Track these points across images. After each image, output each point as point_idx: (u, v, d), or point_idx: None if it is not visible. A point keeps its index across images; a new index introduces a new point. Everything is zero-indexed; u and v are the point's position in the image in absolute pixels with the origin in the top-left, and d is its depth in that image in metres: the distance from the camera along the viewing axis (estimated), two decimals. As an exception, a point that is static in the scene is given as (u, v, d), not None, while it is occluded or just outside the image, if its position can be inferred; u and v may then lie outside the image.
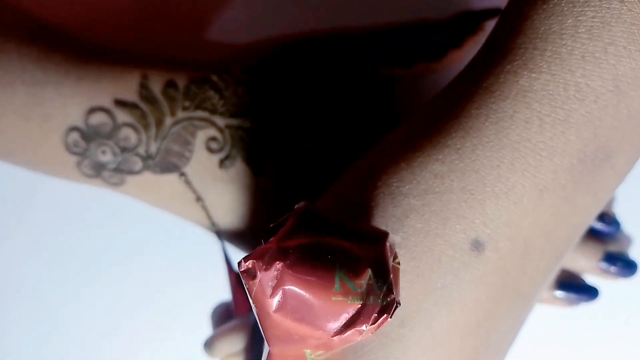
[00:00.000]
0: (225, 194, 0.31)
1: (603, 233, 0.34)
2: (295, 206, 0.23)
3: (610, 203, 0.35)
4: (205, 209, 0.32)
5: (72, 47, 0.31)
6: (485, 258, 0.24)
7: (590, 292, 0.34)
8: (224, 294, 0.37)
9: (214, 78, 0.31)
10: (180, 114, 0.31)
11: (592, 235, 0.34)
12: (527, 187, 0.23)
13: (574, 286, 0.34)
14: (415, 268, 0.24)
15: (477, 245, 0.24)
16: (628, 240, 0.35)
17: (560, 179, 0.23)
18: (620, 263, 0.34)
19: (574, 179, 0.24)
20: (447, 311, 0.24)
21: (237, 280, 0.32)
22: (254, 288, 0.21)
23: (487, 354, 0.26)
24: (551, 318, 0.36)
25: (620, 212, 0.35)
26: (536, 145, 0.23)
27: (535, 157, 0.23)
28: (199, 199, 0.32)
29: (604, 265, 0.34)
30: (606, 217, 0.34)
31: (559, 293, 0.34)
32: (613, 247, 0.34)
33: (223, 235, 0.33)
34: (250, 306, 0.30)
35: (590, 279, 0.35)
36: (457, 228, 0.24)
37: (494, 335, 0.25)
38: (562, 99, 0.23)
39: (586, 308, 0.35)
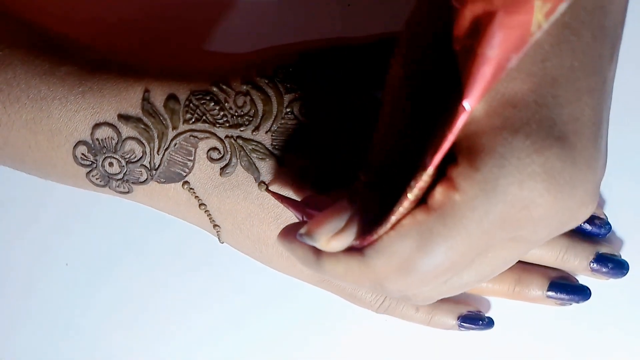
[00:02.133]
0: (227, 200, 0.33)
1: (594, 234, 0.35)
2: None
3: (601, 205, 0.36)
4: (208, 214, 0.33)
5: (76, 60, 0.32)
6: None
7: (581, 293, 0.35)
8: (226, 293, 0.38)
9: (214, 90, 0.32)
10: (182, 127, 0.32)
11: (584, 236, 0.35)
12: None
13: (566, 286, 0.35)
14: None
15: None
16: (619, 242, 0.36)
17: None
18: (612, 264, 0.35)
19: None
20: (577, 47, 0.25)
21: (294, 201, 0.30)
22: None
23: (608, 103, 0.26)
24: (543, 318, 0.37)
25: (611, 214, 0.35)
26: None
27: None
28: (202, 204, 0.33)
29: (595, 266, 0.35)
30: (597, 219, 0.35)
31: (551, 293, 0.35)
32: (604, 249, 0.35)
33: (225, 237, 0.34)
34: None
35: (583, 279, 0.36)
36: None
37: (607, 86, 0.26)
38: None
39: (578, 307, 0.36)
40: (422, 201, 0.25)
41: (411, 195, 0.24)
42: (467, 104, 0.21)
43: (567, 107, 0.24)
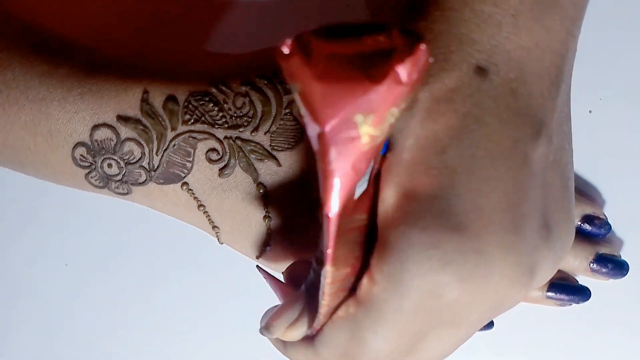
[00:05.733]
0: (226, 201, 0.33)
1: (594, 235, 0.35)
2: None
3: (600, 206, 0.36)
4: (207, 214, 0.33)
5: (75, 61, 0.32)
6: (491, 81, 0.26)
7: (581, 293, 0.35)
8: (225, 293, 0.38)
9: (213, 91, 0.32)
10: (181, 128, 0.32)
11: (584, 237, 0.35)
12: (501, 13, 0.26)
13: (565, 287, 0.35)
14: (435, 103, 0.25)
15: (479, 71, 0.26)
16: (619, 242, 0.36)
17: (525, 4, 0.27)
18: (611, 264, 0.35)
19: (537, 2, 0.27)
20: (480, 134, 0.25)
21: (276, 281, 0.33)
22: (294, 66, 0.21)
23: (534, 183, 0.26)
24: (543, 318, 0.37)
25: (611, 214, 0.35)
26: None
27: None
28: (201, 205, 0.33)
29: (595, 266, 0.34)
30: (597, 219, 0.35)
31: (551, 294, 0.35)
32: (604, 249, 0.35)
33: (224, 238, 0.34)
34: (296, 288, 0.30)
35: (582, 280, 0.36)
36: (457, 59, 0.26)
37: (532, 163, 0.26)
38: None
39: (577, 308, 0.36)
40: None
41: (326, 289, 0.25)
42: (326, 211, 0.22)
43: (468, 196, 0.24)
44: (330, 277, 0.25)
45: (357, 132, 0.21)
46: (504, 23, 0.26)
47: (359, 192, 0.24)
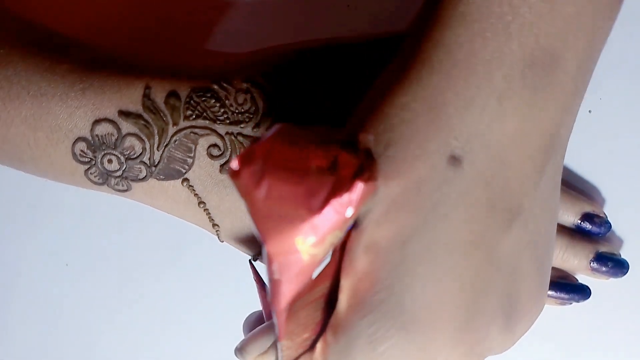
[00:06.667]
0: (226, 198, 0.33)
1: (594, 233, 0.35)
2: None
3: (600, 205, 0.36)
4: (207, 212, 0.33)
5: (77, 57, 0.32)
6: (464, 172, 0.25)
7: (581, 292, 0.35)
8: (226, 292, 0.38)
9: (215, 87, 0.32)
10: (182, 123, 0.32)
11: (584, 235, 0.35)
12: (485, 97, 0.24)
13: (565, 285, 0.35)
14: (401, 194, 0.25)
15: (453, 161, 0.25)
16: (619, 241, 0.36)
17: (515, 86, 0.24)
18: (611, 263, 0.35)
19: (528, 84, 0.25)
20: (442, 230, 0.25)
21: (262, 287, 0.34)
22: (243, 184, 0.22)
23: (497, 275, 0.26)
24: (543, 317, 0.36)
25: (611, 213, 0.35)
26: (483, 58, 0.24)
27: (485, 69, 0.24)
28: (201, 202, 0.33)
29: (595, 265, 0.34)
30: (597, 217, 0.35)
31: (551, 292, 0.35)
32: (604, 248, 0.35)
33: (224, 236, 0.34)
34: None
35: (582, 279, 0.36)
36: (432, 148, 0.25)
37: (498, 254, 0.26)
38: (498, 14, 0.24)
39: (577, 306, 0.36)
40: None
41: (284, 354, 0.27)
42: (274, 308, 0.24)
43: (421, 294, 0.25)
44: (286, 346, 0.27)
45: (298, 252, 0.22)
46: (487, 108, 0.24)
47: (318, 271, 0.24)
